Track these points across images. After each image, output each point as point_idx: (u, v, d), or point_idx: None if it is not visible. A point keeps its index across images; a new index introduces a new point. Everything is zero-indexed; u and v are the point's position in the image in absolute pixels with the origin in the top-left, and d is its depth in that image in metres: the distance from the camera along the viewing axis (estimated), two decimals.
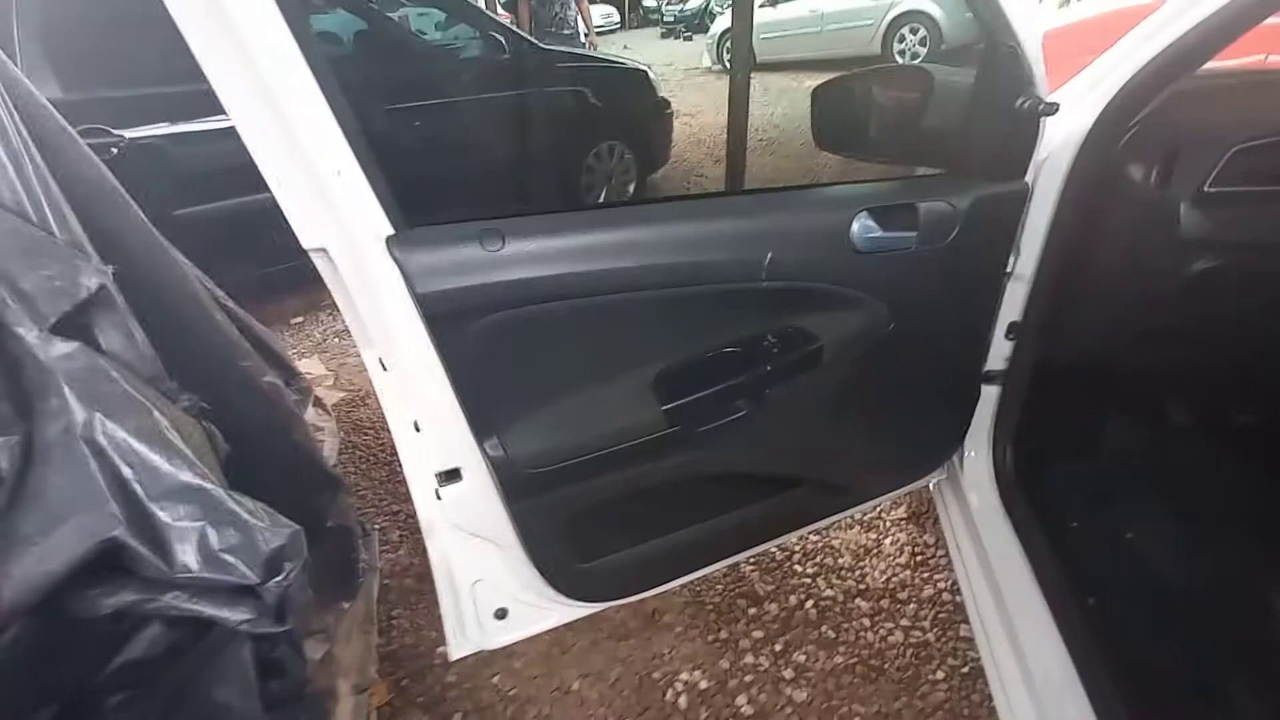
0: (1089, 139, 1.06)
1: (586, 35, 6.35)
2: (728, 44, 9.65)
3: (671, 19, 14.28)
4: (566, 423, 0.97)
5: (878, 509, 1.89)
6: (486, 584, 1.13)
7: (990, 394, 1.35)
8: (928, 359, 1.23)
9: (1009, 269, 1.18)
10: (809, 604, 1.62)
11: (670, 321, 1.00)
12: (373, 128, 0.76)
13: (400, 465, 1.00)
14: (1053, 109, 0.97)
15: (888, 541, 1.79)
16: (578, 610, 1.23)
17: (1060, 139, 1.09)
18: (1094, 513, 1.38)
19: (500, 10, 6.36)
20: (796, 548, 1.78)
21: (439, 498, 0.98)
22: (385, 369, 0.93)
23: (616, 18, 15.15)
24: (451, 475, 0.97)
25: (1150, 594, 1.24)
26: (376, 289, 0.80)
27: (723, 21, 10.14)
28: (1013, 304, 1.23)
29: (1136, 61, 1.01)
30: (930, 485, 1.59)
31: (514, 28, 3.78)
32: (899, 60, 7.43)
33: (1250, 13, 0.89)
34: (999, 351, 1.29)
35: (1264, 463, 1.42)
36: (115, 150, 2.39)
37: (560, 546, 1.10)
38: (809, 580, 1.68)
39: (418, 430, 0.93)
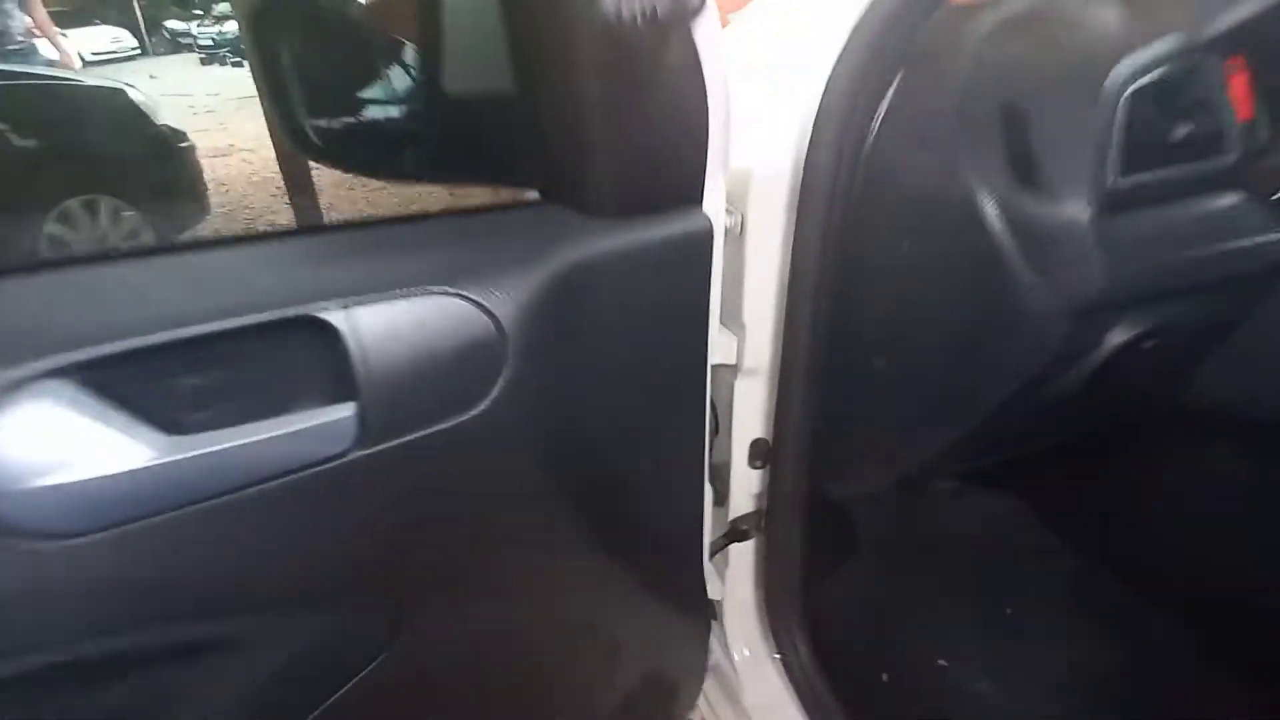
0: (823, 122, 0.58)
1: (56, 60, 4.49)
2: None
3: (210, 43, 11.88)
4: None
5: None
6: None
7: (743, 558, 0.84)
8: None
9: (732, 359, 0.70)
10: None
11: None
12: None
13: None
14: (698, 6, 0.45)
15: None
16: None
17: (770, 133, 0.60)
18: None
19: None
20: None
21: None
22: None
23: (132, 42, 11.95)
24: None
25: None
26: None
27: None
28: (751, 414, 0.75)
29: None
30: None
31: None
32: None
33: None
34: (744, 489, 0.80)
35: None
36: None
37: None
38: None
39: None
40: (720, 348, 0.71)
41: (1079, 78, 0.65)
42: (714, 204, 0.56)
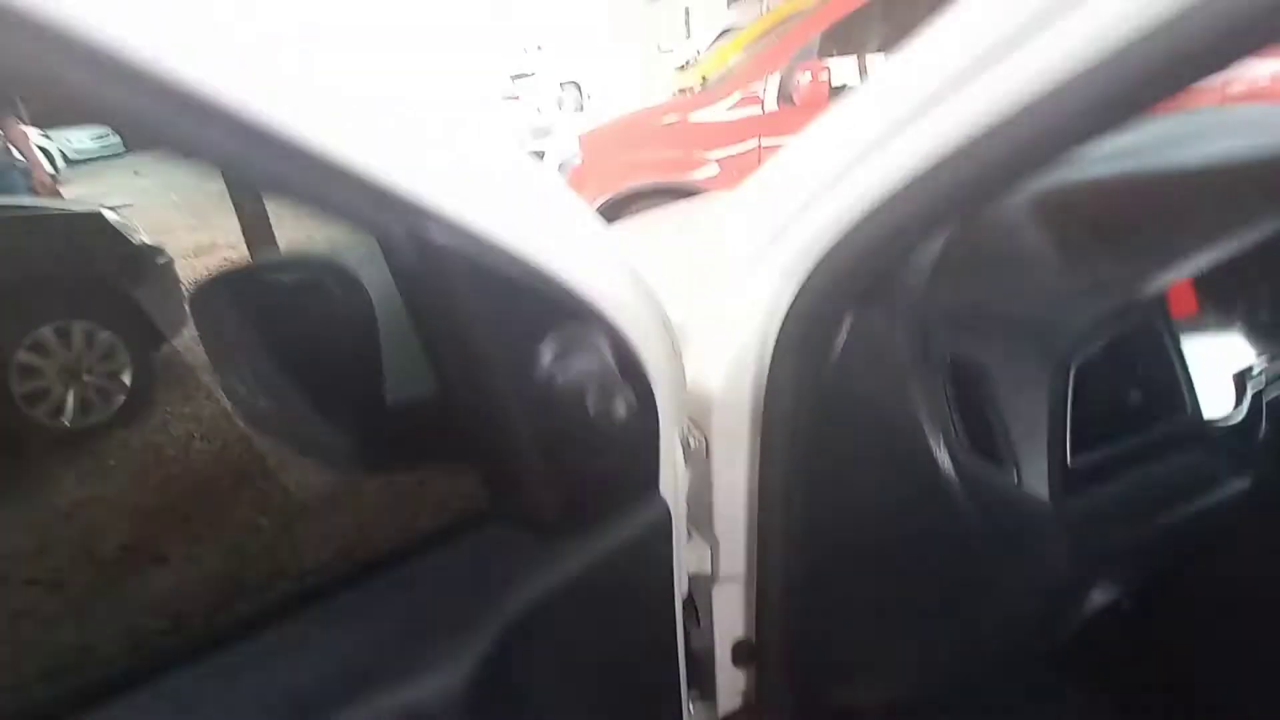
0: (779, 354, 0.57)
1: (30, 176, 4.53)
2: None
3: None
4: None
5: None
6: None
7: None
8: None
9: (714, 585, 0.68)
10: None
11: None
12: None
13: None
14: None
15: None
16: None
17: (728, 363, 0.59)
18: None
19: None
20: None
21: None
22: None
23: (115, 139, 12.16)
24: None
25: None
26: None
27: None
28: (731, 617, 0.74)
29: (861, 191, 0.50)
30: None
31: None
32: None
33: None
34: (731, 684, 0.78)
35: None
36: None
37: None
38: None
39: None
40: (693, 557, 0.69)
41: (1024, 336, 0.64)
42: (668, 478, 0.54)
